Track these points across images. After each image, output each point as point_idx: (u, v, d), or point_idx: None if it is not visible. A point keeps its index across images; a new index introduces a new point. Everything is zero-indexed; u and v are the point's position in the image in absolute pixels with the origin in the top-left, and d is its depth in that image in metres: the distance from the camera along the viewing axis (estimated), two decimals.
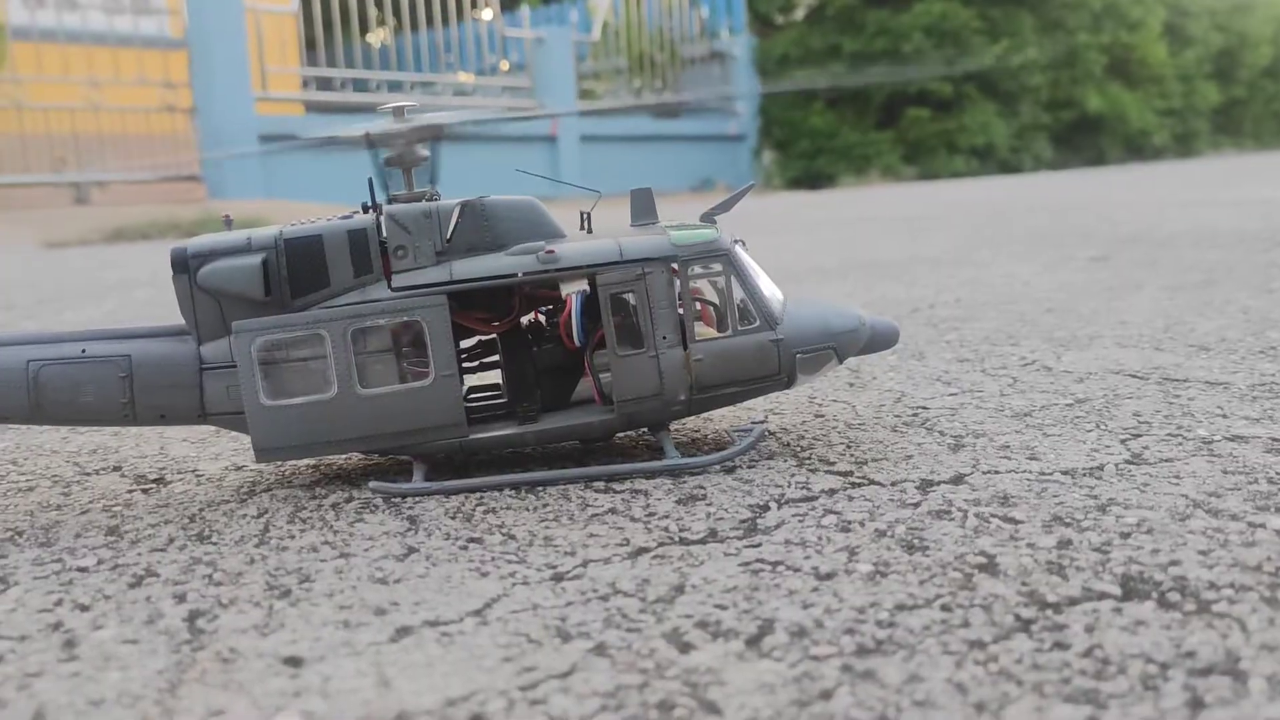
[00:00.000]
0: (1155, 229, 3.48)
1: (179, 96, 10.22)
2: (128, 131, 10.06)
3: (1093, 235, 3.42)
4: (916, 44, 14.29)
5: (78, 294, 3.23)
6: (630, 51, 14.02)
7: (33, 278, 3.86)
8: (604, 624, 0.70)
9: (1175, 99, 16.62)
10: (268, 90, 10.57)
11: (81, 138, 9.80)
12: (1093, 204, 5.19)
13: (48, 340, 1.03)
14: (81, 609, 0.77)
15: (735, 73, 14.56)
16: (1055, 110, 15.33)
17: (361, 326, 1.00)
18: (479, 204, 1.04)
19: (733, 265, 1.05)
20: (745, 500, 0.94)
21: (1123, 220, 3.98)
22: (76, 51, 9.71)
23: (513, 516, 0.93)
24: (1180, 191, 5.98)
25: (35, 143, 9.59)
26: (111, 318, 2.61)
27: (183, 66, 10.11)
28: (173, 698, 0.63)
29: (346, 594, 0.77)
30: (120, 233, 8.41)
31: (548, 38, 12.80)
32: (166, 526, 0.95)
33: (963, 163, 14.49)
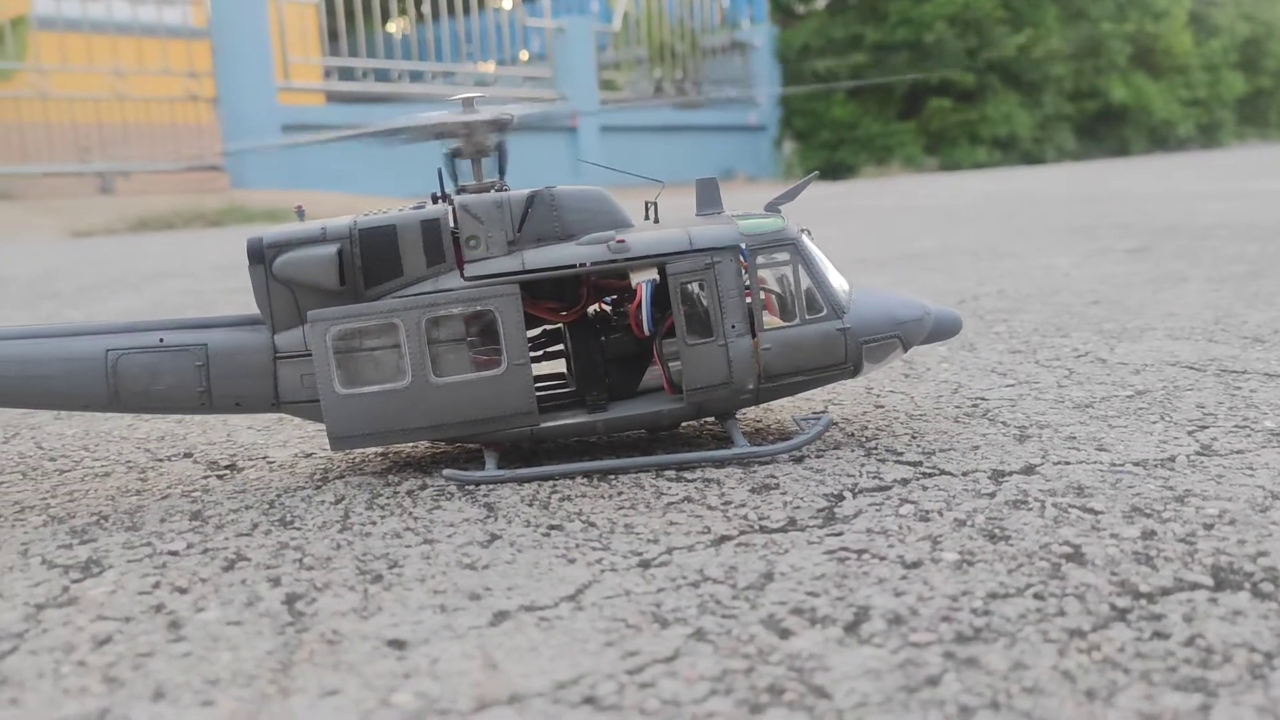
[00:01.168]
0: (1190, 221, 3.47)
1: (202, 86, 10.26)
2: (152, 121, 10.11)
3: (1128, 227, 3.41)
4: (939, 33, 14.23)
5: (117, 283, 3.25)
6: (651, 41, 13.99)
7: (71, 266, 3.89)
8: (699, 610, 0.71)
9: (1200, 89, 16.52)
10: (290, 80, 10.60)
11: (106, 127, 9.85)
12: (1122, 195, 5.17)
13: (125, 329, 1.04)
14: (180, 591, 0.78)
15: (756, 63, 14.52)
16: (1079, 101, 15.26)
17: (435, 316, 1.01)
18: (548, 194, 1.05)
19: (800, 254, 1.06)
20: (819, 489, 0.94)
21: (1156, 212, 3.96)
22: (101, 41, 9.76)
23: (589, 504, 0.94)
24: (1209, 183, 5.95)
25: (60, 132, 9.64)
26: (157, 306, 2.63)
27: (206, 56, 10.14)
28: (286, 678, 0.64)
29: (438, 579, 0.78)
30: (145, 222, 8.47)
31: (568, 27, 12.78)
32: (248, 512, 0.96)
33: (985, 153, 14.44)
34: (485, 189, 1.08)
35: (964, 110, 14.50)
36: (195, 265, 3.74)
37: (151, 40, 9.98)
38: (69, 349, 1.02)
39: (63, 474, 1.13)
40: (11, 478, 1.12)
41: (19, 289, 3.16)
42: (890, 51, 14.27)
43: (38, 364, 1.02)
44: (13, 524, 0.96)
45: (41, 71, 9.51)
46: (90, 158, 9.86)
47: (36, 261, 4.13)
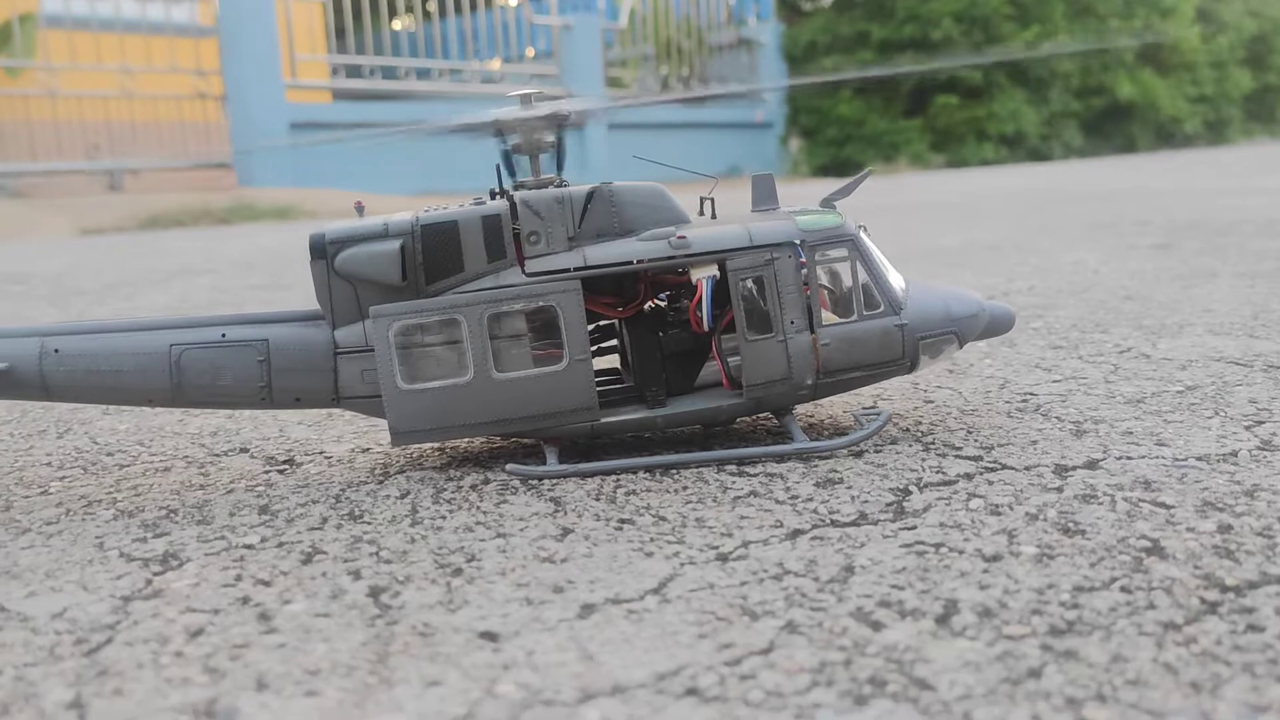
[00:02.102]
0: (1211, 218, 3.47)
1: (210, 84, 10.26)
2: (160, 119, 10.12)
3: (1148, 223, 3.41)
4: (946, 30, 14.22)
5: (140, 280, 3.26)
6: (657, 38, 13.99)
7: (91, 263, 3.89)
8: (786, 603, 0.71)
9: (1207, 85, 16.49)
10: (297, 78, 10.60)
11: (114, 125, 9.85)
12: (1136, 192, 5.17)
13: (188, 324, 1.05)
14: (263, 584, 0.79)
15: (762, 60, 14.51)
16: (1086, 97, 15.23)
17: (497, 311, 1.01)
18: (607, 189, 1.06)
19: (858, 250, 1.06)
20: (884, 484, 0.95)
21: (1173, 208, 3.96)
22: (109, 39, 9.76)
23: (655, 498, 0.94)
24: (1223, 180, 5.94)
25: (69, 130, 9.65)
26: (183, 303, 2.63)
27: (214, 54, 10.14)
28: (384, 668, 0.65)
29: (518, 572, 0.79)
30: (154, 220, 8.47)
31: (575, 24, 12.78)
32: (315, 506, 0.97)
33: (992, 150, 14.41)
34: (543, 185, 1.08)
35: (971, 107, 14.48)
36: (216, 262, 3.75)
37: (160, 38, 9.98)
38: (134, 344, 1.03)
39: (123, 469, 1.13)
40: (73, 472, 1.13)
41: (44, 286, 3.17)
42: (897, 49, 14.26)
43: (104, 359, 1.02)
44: (83, 518, 0.97)
45: (50, 69, 9.51)
46: (99, 155, 9.87)
47: (54, 259, 4.14)
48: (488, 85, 12.11)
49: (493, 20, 12.62)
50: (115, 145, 9.81)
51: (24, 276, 3.46)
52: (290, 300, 2.57)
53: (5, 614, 0.76)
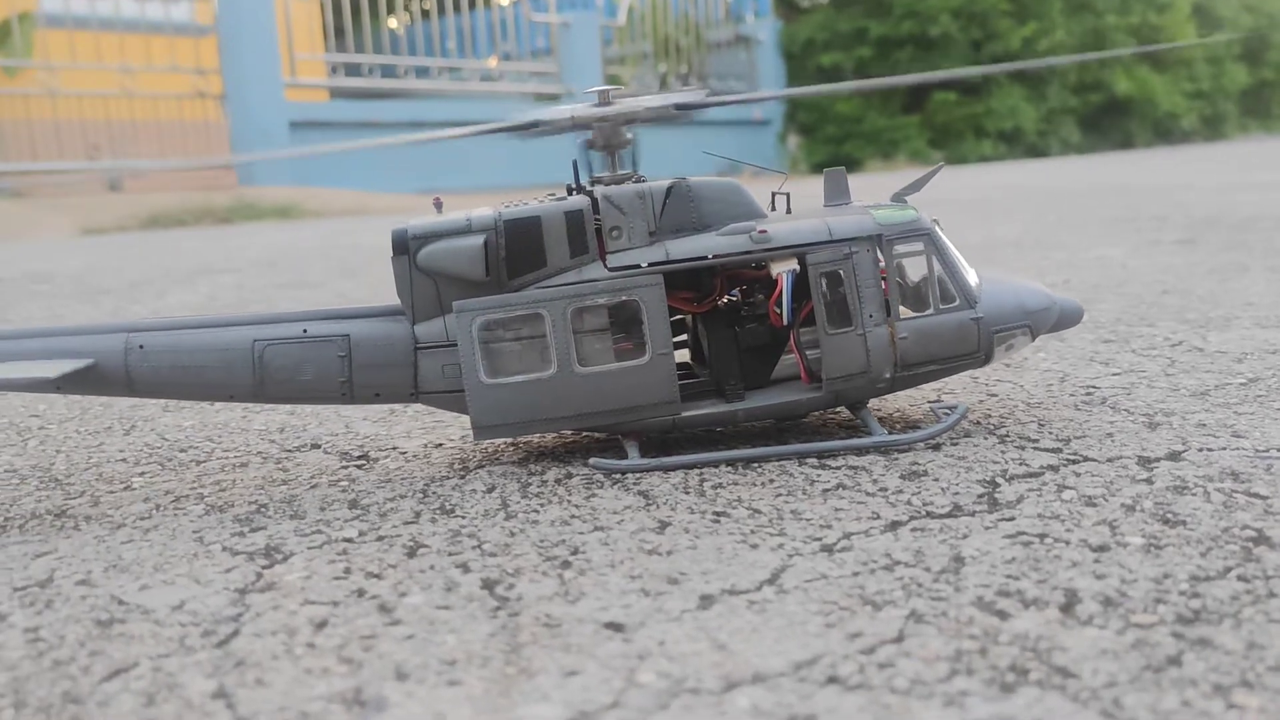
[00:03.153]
0: (1228, 213, 3.48)
1: (210, 83, 10.25)
2: (160, 118, 10.10)
3: (1166, 219, 3.42)
4: (944, 26, 14.23)
5: (164, 278, 3.26)
6: (655, 36, 13.98)
7: (108, 262, 3.89)
8: (904, 593, 0.72)
9: (1204, 81, 16.53)
10: (296, 77, 10.59)
11: (115, 124, 9.84)
12: (1146, 188, 5.19)
13: (270, 320, 1.06)
14: (374, 577, 0.80)
15: (761, 57, 14.52)
16: (1083, 93, 15.25)
17: (580, 306, 1.02)
18: (685, 185, 1.07)
19: (934, 244, 1.07)
20: (969, 476, 0.96)
21: (1188, 204, 3.98)
22: (109, 38, 9.74)
23: (744, 491, 0.95)
24: (1228, 175, 5.96)
25: (69, 130, 9.63)
26: (212, 301, 2.64)
27: (213, 53, 10.13)
28: (519, 659, 0.66)
29: (627, 564, 0.80)
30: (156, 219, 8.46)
31: (573, 22, 12.77)
32: (404, 500, 0.98)
33: (990, 147, 14.43)
34: (619, 181, 1.09)
35: (969, 104, 14.50)
36: (235, 260, 3.75)
37: (159, 37, 9.97)
38: (219, 340, 1.04)
39: (199, 464, 1.14)
40: (150, 468, 1.13)
41: (68, 285, 3.17)
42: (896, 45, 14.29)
43: (189, 354, 1.03)
44: (174, 513, 0.97)
45: (50, 69, 9.49)
46: (99, 155, 9.85)
47: (70, 258, 4.13)
48: (486, 83, 12.11)
49: (490, 18, 12.62)
50: (115, 145, 9.80)
51: (46, 275, 3.46)
52: (320, 298, 2.58)
53: (125, 607, 0.76)
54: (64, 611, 0.76)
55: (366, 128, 10.43)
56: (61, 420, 1.37)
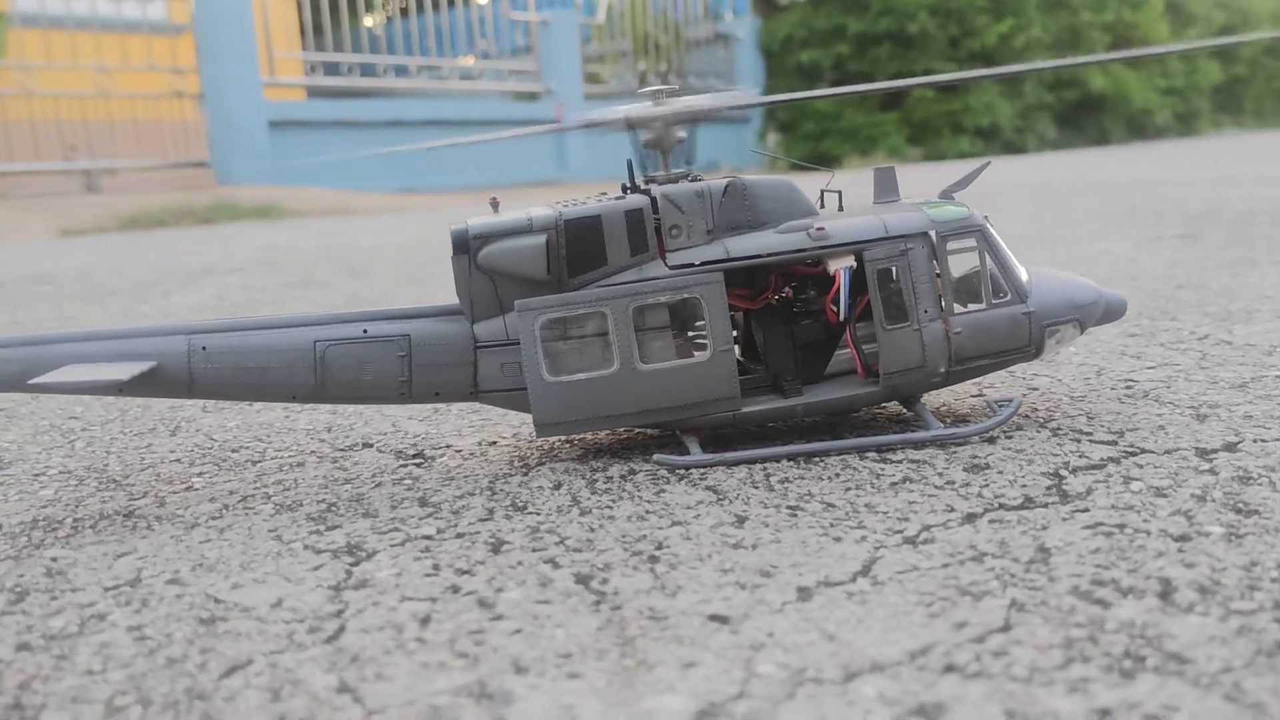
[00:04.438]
0: (1222, 207, 3.52)
1: (187, 82, 10.19)
2: (137, 118, 10.04)
3: (1161, 213, 3.45)
4: (922, 24, 14.30)
5: (169, 279, 3.25)
6: (634, 34, 14.00)
7: (107, 264, 3.87)
8: (1000, 583, 0.73)
9: (1177, 78, 16.66)
10: (275, 76, 10.55)
11: (91, 125, 9.77)
12: (1133, 184, 5.23)
13: (330, 321, 1.06)
14: (465, 573, 0.80)
15: (739, 55, 14.56)
16: (1059, 90, 15.35)
17: (642, 304, 1.03)
18: (740, 183, 1.08)
19: (986, 240, 1.09)
20: (1032, 468, 0.97)
21: (1180, 199, 4.02)
22: (85, 38, 9.68)
23: (813, 485, 0.96)
24: (1212, 170, 6.02)
25: (45, 130, 9.56)
26: (222, 301, 2.63)
27: (191, 52, 10.08)
28: (634, 651, 0.67)
29: (716, 558, 0.81)
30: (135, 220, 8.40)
31: (552, 20, 12.76)
32: (473, 498, 0.98)
33: (968, 143, 14.50)
34: (673, 179, 1.10)
35: (946, 100, 14.56)
36: (235, 260, 3.74)
37: (136, 36, 9.91)
38: (280, 341, 1.04)
39: (255, 464, 1.14)
40: (207, 468, 1.14)
41: (72, 286, 3.15)
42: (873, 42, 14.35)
43: (251, 356, 1.03)
44: (244, 512, 0.98)
45: (26, 69, 9.42)
46: (76, 156, 9.78)
47: (66, 259, 4.11)
48: (466, 82, 12.09)
49: (469, 17, 12.60)
50: (93, 145, 9.73)
51: (46, 277, 3.44)
52: (331, 298, 2.58)
53: (223, 605, 0.77)
54: (162, 610, 0.76)
55: (345, 127, 10.40)
56: (103, 422, 1.37)
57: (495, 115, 11.70)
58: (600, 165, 11.40)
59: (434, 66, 11.95)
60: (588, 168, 11.49)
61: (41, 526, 0.97)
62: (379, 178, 9.84)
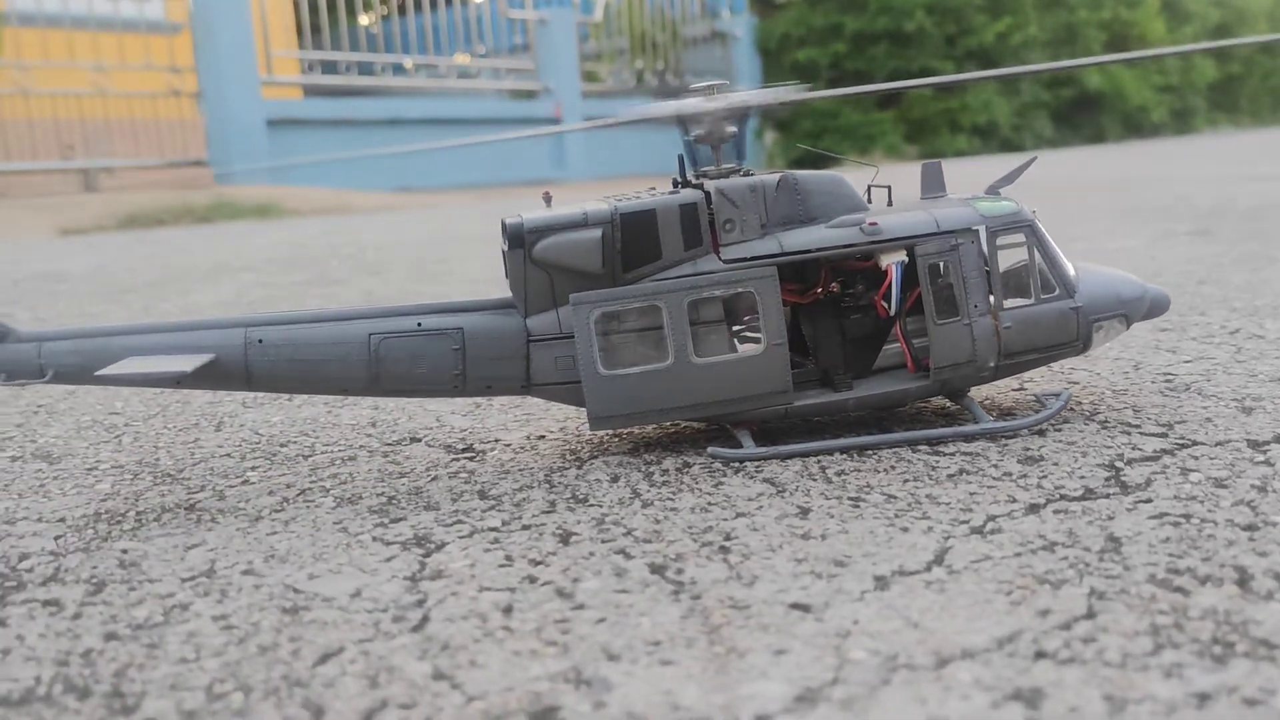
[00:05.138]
0: (1230, 204, 3.54)
1: (185, 81, 10.18)
2: (135, 117, 10.03)
3: (1170, 210, 3.47)
4: (919, 22, 14.32)
5: (184, 277, 3.25)
6: (632, 32, 14.01)
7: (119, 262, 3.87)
8: (1076, 572, 0.74)
9: (1173, 75, 16.70)
10: (273, 74, 10.54)
11: (88, 123, 9.76)
12: (1137, 181, 5.25)
13: (384, 314, 1.07)
14: (538, 564, 0.81)
15: (737, 53, 14.57)
16: (1055, 88, 15.38)
17: (697, 298, 1.04)
18: (792, 178, 1.08)
19: (1035, 235, 1.09)
20: (1088, 460, 0.98)
21: (1188, 196, 4.03)
22: (82, 37, 9.67)
23: (870, 478, 0.97)
24: (1215, 168, 6.04)
25: (43, 129, 9.55)
26: (239, 298, 2.63)
27: (188, 50, 10.07)
28: (722, 639, 0.67)
29: (787, 549, 0.81)
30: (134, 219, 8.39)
31: (550, 19, 12.76)
32: (532, 490, 0.99)
33: (965, 141, 14.53)
34: (724, 174, 1.10)
35: (944, 99, 14.58)
36: (247, 259, 3.74)
37: (133, 35, 9.90)
38: (335, 334, 1.04)
39: (306, 459, 1.15)
40: (258, 462, 1.14)
41: (86, 284, 3.15)
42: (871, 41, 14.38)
43: (307, 348, 1.04)
44: (305, 505, 0.98)
45: (23, 68, 9.41)
46: (73, 155, 9.77)
47: (75, 258, 4.11)
48: (464, 80, 12.10)
49: (467, 15, 12.60)
50: (90, 144, 9.72)
51: (60, 275, 3.44)
52: (349, 295, 2.58)
53: (302, 595, 0.77)
54: (243, 600, 0.77)
55: (343, 125, 10.41)
56: (144, 418, 1.37)
57: (493, 114, 11.71)
58: (598, 164, 11.42)
59: (431, 65, 11.95)
60: (585, 167, 11.50)
61: (105, 519, 0.97)
62: (376, 176, 9.84)
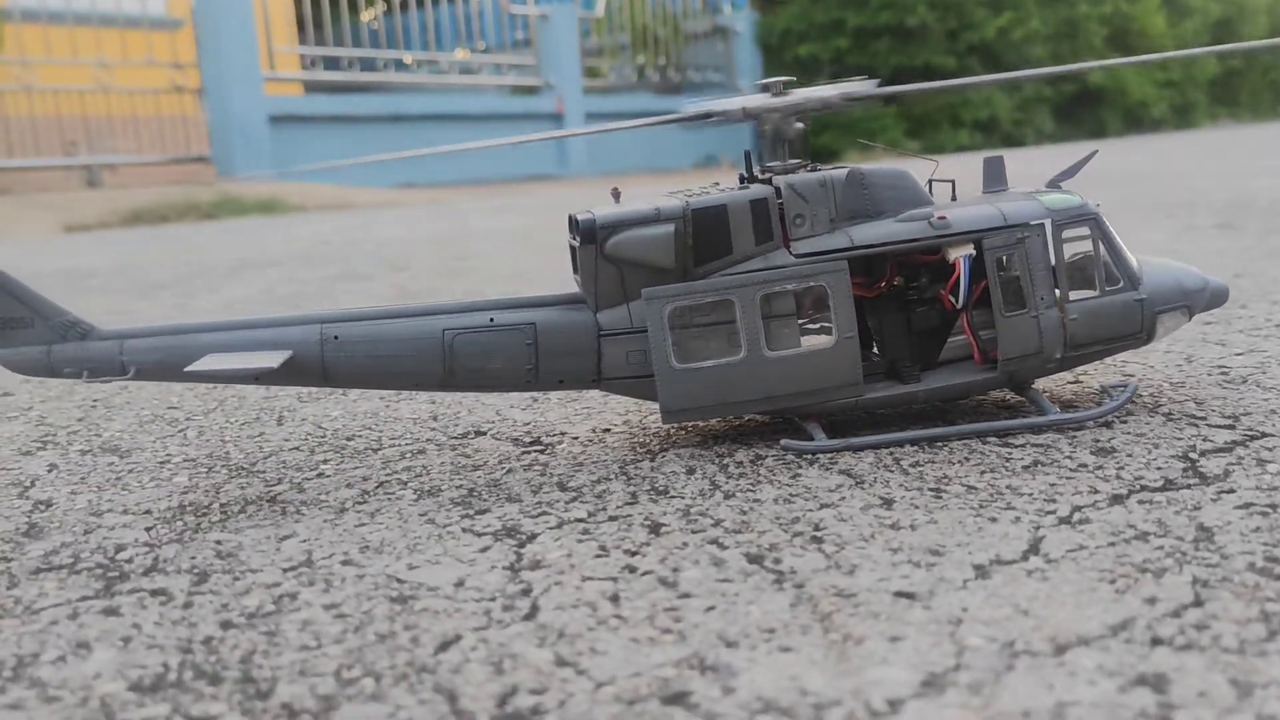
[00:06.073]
0: (1250, 198, 3.55)
1: (187, 77, 10.18)
2: (137, 113, 10.03)
3: (1191, 204, 3.48)
4: (921, 17, 14.33)
5: (210, 273, 3.26)
6: (633, 27, 14.01)
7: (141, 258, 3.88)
8: (1175, 561, 0.75)
9: (1174, 70, 16.69)
10: (275, 70, 10.54)
11: (91, 120, 9.76)
12: (1153, 175, 5.26)
13: (457, 310, 1.08)
14: (634, 554, 0.82)
15: (738, 49, 14.58)
16: (1056, 83, 15.38)
17: (769, 292, 1.05)
18: (859, 173, 1.09)
19: (1100, 228, 1.10)
20: (1159, 451, 0.99)
21: (1205, 190, 4.04)
22: (85, 33, 9.67)
23: (946, 469, 0.98)
24: (1226, 162, 6.05)
25: (45, 125, 9.55)
26: (268, 295, 2.64)
27: (190, 47, 10.07)
28: (835, 626, 0.68)
29: (879, 539, 0.82)
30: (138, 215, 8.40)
31: (552, 14, 12.76)
32: (611, 483, 1.00)
33: (967, 136, 14.53)
34: (789, 169, 1.11)
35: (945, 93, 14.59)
36: (272, 254, 3.75)
37: (136, 31, 9.90)
38: (410, 329, 1.05)
39: (376, 452, 1.16)
40: (328, 455, 1.15)
41: (117, 279, 3.16)
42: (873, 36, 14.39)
43: (382, 344, 1.05)
44: (386, 498, 0.99)
45: (26, 64, 9.41)
46: (76, 151, 9.77)
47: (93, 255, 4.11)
48: (465, 76, 12.10)
49: (469, 10, 12.60)
50: (93, 140, 9.72)
51: (87, 272, 3.45)
52: (378, 290, 2.59)
53: (406, 584, 0.78)
54: (349, 590, 0.78)
55: (345, 121, 10.41)
56: (204, 412, 1.38)
57: (494, 109, 11.72)
58: (599, 160, 11.43)
59: (433, 61, 11.96)
60: (586, 163, 11.51)
61: (190, 511, 0.98)
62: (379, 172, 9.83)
